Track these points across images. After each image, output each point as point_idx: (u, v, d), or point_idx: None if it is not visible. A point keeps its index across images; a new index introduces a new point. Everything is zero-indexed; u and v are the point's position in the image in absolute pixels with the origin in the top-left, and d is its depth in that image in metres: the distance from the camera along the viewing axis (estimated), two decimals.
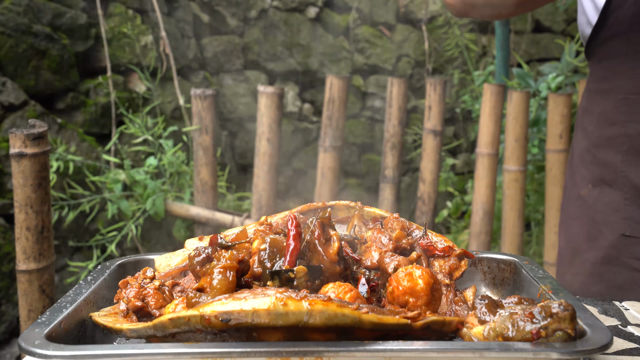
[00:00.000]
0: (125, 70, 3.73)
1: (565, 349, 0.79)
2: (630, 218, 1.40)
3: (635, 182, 1.39)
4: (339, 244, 0.97)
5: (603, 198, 1.45)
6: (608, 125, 1.44)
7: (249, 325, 0.80)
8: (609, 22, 1.40)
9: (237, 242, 0.98)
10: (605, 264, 1.45)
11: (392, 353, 0.79)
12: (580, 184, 1.52)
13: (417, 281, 0.92)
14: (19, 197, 1.69)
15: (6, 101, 3.13)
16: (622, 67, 1.40)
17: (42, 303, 1.77)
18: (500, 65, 4.23)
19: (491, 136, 3.21)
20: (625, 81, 1.40)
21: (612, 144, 1.43)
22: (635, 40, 1.37)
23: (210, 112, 3.10)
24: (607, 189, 1.45)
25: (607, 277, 1.45)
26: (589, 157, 1.50)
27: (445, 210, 4.44)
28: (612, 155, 1.43)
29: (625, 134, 1.40)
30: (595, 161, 1.48)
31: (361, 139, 4.91)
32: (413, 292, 0.92)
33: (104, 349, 0.81)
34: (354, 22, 4.79)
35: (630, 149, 1.40)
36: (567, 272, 1.55)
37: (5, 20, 3.14)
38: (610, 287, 1.43)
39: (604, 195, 1.45)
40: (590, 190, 1.49)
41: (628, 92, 1.40)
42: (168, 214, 3.38)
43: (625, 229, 1.41)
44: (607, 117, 1.44)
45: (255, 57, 4.56)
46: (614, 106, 1.42)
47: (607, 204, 1.45)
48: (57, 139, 3.28)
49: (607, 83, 1.44)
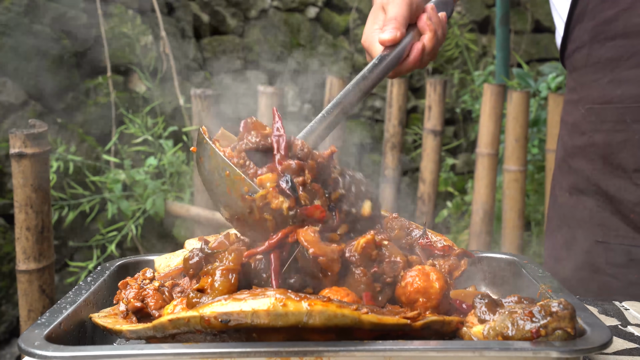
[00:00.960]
0: (125, 70, 3.73)
1: (565, 348, 0.79)
2: (603, 224, 1.44)
3: (606, 189, 1.43)
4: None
5: (578, 206, 1.49)
6: (578, 135, 1.48)
7: (249, 326, 0.80)
8: (573, 35, 1.44)
9: (218, 251, 0.97)
10: (581, 270, 1.48)
11: (392, 353, 0.79)
12: (559, 192, 1.57)
13: (433, 284, 0.92)
14: (19, 197, 1.69)
15: (6, 101, 3.13)
16: (586, 79, 1.44)
17: (42, 303, 1.77)
18: (500, 65, 4.23)
19: (491, 136, 3.21)
20: (590, 92, 1.44)
21: (583, 153, 1.47)
22: (595, 52, 1.40)
23: (210, 112, 3.10)
24: (582, 197, 1.48)
25: (583, 283, 1.48)
26: (565, 167, 1.54)
27: (445, 210, 4.44)
28: (583, 164, 1.47)
29: (593, 144, 1.44)
30: (570, 170, 1.52)
31: (361, 139, 4.91)
32: (426, 293, 0.92)
33: (104, 350, 0.81)
34: (354, 22, 4.79)
35: (599, 158, 1.43)
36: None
37: (5, 20, 3.14)
38: (587, 292, 1.46)
39: (579, 203, 1.49)
40: (567, 199, 1.52)
41: (593, 102, 1.43)
42: (168, 214, 3.38)
43: (599, 236, 1.44)
44: (577, 127, 1.48)
45: (255, 57, 4.56)
46: (582, 116, 1.46)
47: (581, 212, 1.48)
48: (57, 139, 3.28)
49: (576, 94, 1.48)
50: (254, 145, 0.96)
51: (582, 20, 1.41)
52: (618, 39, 1.35)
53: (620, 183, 1.40)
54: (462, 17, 5.13)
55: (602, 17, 1.37)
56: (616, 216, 1.41)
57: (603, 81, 1.40)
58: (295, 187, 0.92)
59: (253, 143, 0.96)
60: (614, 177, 1.41)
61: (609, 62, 1.38)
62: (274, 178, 0.92)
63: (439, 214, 4.41)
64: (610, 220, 1.42)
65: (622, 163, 1.39)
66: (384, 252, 0.96)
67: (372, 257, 0.94)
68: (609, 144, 1.40)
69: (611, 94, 1.38)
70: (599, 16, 1.37)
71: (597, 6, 1.37)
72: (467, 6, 5.15)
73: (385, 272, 0.94)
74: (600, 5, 1.37)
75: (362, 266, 0.93)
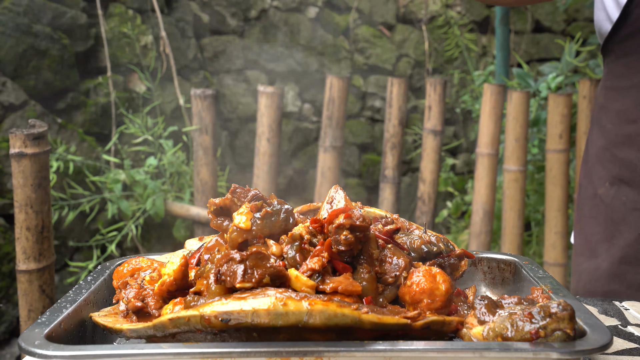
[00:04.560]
0: (125, 70, 3.73)
1: (565, 349, 0.79)
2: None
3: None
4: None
5: (621, 197, 1.43)
6: (627, 122, 1.41)
7: (249, 325, 0.80)
8: (632, 17, 1.37)
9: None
10: (623, 263, 1.43)
11: (392, 353, 0.79)
12: (597, 182, 1.50)
13: (440, 285, 0.92)
14: (19, 197, 1.69)
15: (6, 101, 3.13)
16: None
17: (42, 303, 1.77)
18: (500, 65, 4.23)
19: (491, 136, 3.21)
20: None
21: (632, 142, 1.41)
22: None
23: (210, 112, 3.10)
24: (625, 188, 1.42)
25: (625, 276, 1.43)
26: (606, 155, 1.47)
27: (445, 210, 4.44)
28: (631, 154, 1.41)
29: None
30: (613, 159, 1.45)
31: (361, 139, 4.91)
32: (431, 294, 0.92)
33: (104, 349, 0.81)
34: (354, 22, 4.79)
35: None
36: (584, 271, 1.52)
37: (5, 20, 3.14)
38: (629, 286, 1.41)
39: (621, 194, 1.43)
40: (608, 189, 1.46)
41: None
42: (168, 214, 3.38)
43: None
44: (626, 115, 1.42)
45: (255, 57, 4.56)
46: (633, 104, 1.40)
47: (624, 203, 1.42)
48: (57, 139, 3.28)
49: (627, 80, 1.42)
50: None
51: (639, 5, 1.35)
52: None
53: None
54: (462, 17, 5.13)
55: None
56: None
57: None
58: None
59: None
60: None
61: None
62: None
63: (439, 214, 4.41)
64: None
65: None
66: (386, 253, 0.96)
67: (374, 257, 0.94)
68: None
69: None
70: None
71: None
72: (467, 6, 5.15)
73: (387, 273, 0.94)
74: None
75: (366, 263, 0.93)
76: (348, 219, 0.89)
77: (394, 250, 0.97)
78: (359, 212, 0.91)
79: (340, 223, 0.89)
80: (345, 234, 0.89)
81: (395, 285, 0.95)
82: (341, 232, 0.89)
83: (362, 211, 0.93)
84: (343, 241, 0.89)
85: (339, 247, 0.89)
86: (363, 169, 4.92)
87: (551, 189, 3.23)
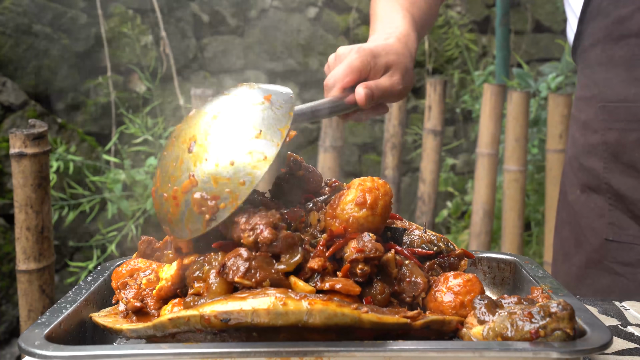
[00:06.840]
0: (125, 70, 3.73)
1: (565, 348, 0.79)
2: (614, 223, 1.43)
3: (617, 188, 1.42)
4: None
5: (589, 204, 1.48)
6: (591, 133, 1.47)
7: (249, 325, 0.80)
8: (587, 31, 1.42)
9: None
10: (589, 267, 1.48)
11: (392, 353, 0.79)
12: (569, 189, 1.56)
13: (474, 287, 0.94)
14: (19, 197, 1.69)
15: (6, 101, 3.13)
16: (600, 76, 1.43)
17: (42, 303, 1.77)
18: (500, 65, 4.23)
19: (491, 136, 3.21)
20: (603, 89, 1.42)
21: (594, 152, 1.46)
22: (609, 51, 1.39)
23: None
24: (593, 195, 1.48)
25: (590, 280, 1.47)
26: (576, 164, 1.53)
27: (445, 210, 4.44)
28: (595, 163, 1.46)
29: (605, 142, 1.43)
30: (581, 168, 1.51)
31: (361, 139, 4.91)
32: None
33: (104, 350, 0.81)
34: (354, 22, 4.79)
35: (610, 157, 1.43)
36: (558, 275, 1.59)
37: (5, 20, 3.14)
38: (595, 290, 1.46)
39: (589, 200, 1.48)
40: (578, 196, 1.52)
41: (606, 100, 1.42)
42: None
43: (609, 234, 1.44)
44: (589, 125, 1.47)
45: (255, 57, 4.56)
46: (595, 114, 1.45)
47: (592, 210, 1.48)
48: (57, 139, 3.28)
49: (589, 91, 1.47)
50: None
51: (596, 17, 1.39)
52: (633, 37, 1.34)
53: (632, 182, 1.39)
54: (462, 17, 5.13)
55: (617, 15, 1.35)
56: (627, 215, 1.41)
57: (617, 80, 1.39)
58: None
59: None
60: (626, 176, 1.40)
61: (623, 61, 1.37)
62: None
63: (439, 214, 4.40)
64: (621, 219, 1.42)
65: (634, 162, 1.38)
66: (405, 272, 0.95)
67: (392, 276, 0.93)
68: (622, 142, 1.39)
69: (625, 92, 1.37)
70: (614, 14, 1.36)
71: (612, 4, 1.36)
72: (467, 6, 5.15)
73: (405, 292, 0.93)
74: (614, 2, 1.35)
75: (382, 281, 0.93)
76: (360, 253, 0.89)
77: (412, 269, 0.95)
78: (368, 238, 0.90)
79: (353, 259, 0.89)
80: (361, 267, 0.89)
81: (414, 305, 0.94)
82: (356, 265, 0.89)
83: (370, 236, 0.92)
84: (360, 274, 0.89)
85: (357, 279, 0.89)
86: (363, 169, 4.92)
87: (551, 189, 3.23)
